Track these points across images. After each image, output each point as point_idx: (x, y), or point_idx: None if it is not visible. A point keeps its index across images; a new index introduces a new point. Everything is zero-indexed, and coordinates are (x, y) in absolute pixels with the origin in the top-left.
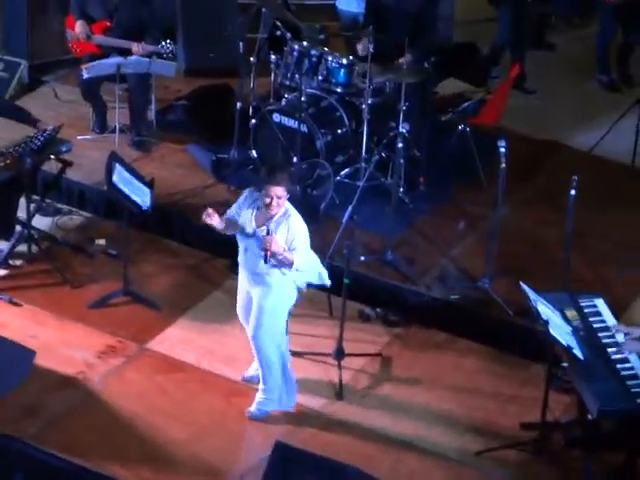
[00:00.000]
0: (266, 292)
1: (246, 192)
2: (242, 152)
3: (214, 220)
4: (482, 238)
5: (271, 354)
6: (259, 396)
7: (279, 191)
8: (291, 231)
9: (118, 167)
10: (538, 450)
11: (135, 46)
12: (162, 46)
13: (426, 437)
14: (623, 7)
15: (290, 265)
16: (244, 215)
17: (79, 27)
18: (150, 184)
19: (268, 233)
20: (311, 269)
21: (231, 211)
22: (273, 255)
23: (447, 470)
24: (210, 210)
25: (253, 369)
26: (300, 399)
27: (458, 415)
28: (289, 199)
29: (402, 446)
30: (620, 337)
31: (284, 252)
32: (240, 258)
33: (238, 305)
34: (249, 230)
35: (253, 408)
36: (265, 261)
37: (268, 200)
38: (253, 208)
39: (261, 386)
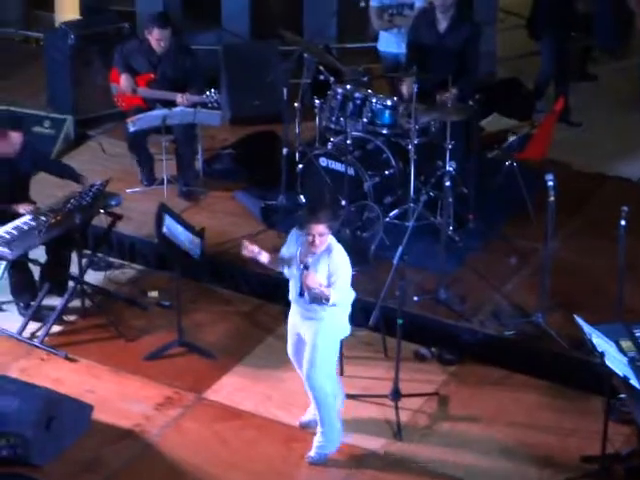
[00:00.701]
0: (318, 328)
1: (292, 231)
2: (290, 198)
3: (253, 251)
4: (533, 272)
5: (327, 388)
6: (317, 440)
7: (321, 229)
8: (332, 266)
9: (168, 218)
10: None
11: (179, 97)
12: (207, 96)
13: (488, 474)
14: None
15: (327, 300)
16: (291, 252)
17: (124, 81)
18: (200, 233)
19: (306, 268)
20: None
21: (282, 251)
22: (308, 289)
23: None
24: (246, 243)
25: (309, 414)
26: (359, 441)
27: (519, 451)
28: (337, 239)
29: None
30: None
31: (320, 287)
32: (291, 296)
33: (289, 344)
34: (295, 271)
35: (313, 453)
36: (300, 294)
37: (310, 238)
38: (298, 245)
39: (319, 429)
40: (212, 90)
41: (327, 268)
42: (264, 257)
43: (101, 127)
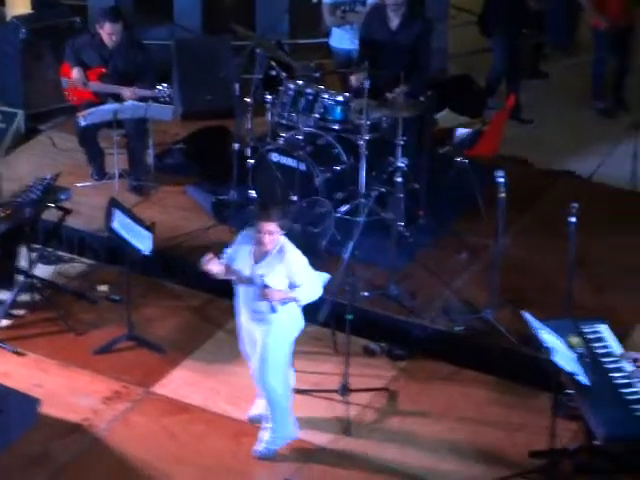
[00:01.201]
0: (269, 329)
1: (241, 233)
2: (241, 193)
3: (213, 266)
4: (484, 269)
5: (278, 388)
6: (266, 434)
7: (271, 227)
8: (289, 266)
9: (118, 213)
10: (548, 478)
11: (128, 91)
12: (158, 90)
13: (436, 469)
14: (616, 34)
15: (297, 301)
16: (242, 252)
17: (76, 74)
18: (150, 228)
19: (265, 287)
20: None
21: (228, 252)
22: (276, 303)
23: None
24: (210, 255)
25: (257, 408)
26: (308, 436)
27: (467, 446)
28: (289, 237)
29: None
30: (628, 366)
31: (287, 295)
32: (240, 297)
33: (244, 342)
34: (247, 272)
35: (261, 447)
36: (273, 310)
37: (260, 236)
38: (251, 244)
39: (269, 424)
40: (164, 84)
41: (283, 270)
42: (220, 273)
43: (52, 121)
